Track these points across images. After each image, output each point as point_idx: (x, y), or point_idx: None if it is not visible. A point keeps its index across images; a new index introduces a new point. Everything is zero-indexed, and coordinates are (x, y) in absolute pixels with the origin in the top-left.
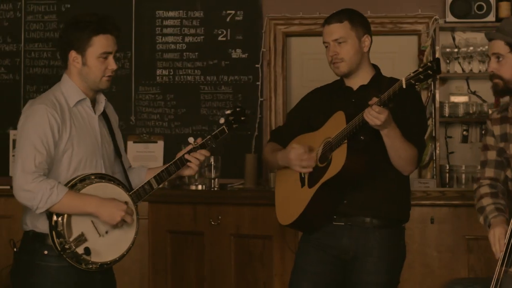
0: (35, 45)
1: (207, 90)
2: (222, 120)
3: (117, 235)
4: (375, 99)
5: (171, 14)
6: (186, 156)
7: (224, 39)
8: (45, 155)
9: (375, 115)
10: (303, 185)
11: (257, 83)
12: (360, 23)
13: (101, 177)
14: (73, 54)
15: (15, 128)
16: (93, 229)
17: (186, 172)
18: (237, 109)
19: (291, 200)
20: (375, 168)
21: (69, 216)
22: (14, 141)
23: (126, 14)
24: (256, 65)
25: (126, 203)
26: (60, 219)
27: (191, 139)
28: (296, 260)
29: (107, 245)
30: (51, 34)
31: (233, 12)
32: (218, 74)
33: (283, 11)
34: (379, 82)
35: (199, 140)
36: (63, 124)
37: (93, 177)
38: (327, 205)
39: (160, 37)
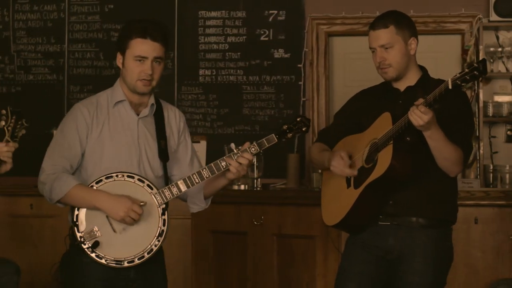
0: (79, 46)
1: (249, 90)
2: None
3: (135, 233)
4: (421, 100)
5: (213, 14)
6: (226, 159)
7: (266, 39)
8: (67, 150)
9: (419, 114)
10: (348, 186)
11: (300, 83)
12: (406, 25)
13: (130, 176)
14: (118, 55)
15: None
16: (108, 225)
17: (229, 175)
18: (298, 118)
19: (337, 201)
20: (421, 169)
21: (85, 210)
22: None
23: (169, 14)
24: (299, 65)
25: (142, 203)
26: (79, 212)
27: (232, 145)
28: (342, 261)
29: (124, 242)
30: (95, 34)
31: (275, 12)
32: (261, 74)
33: (325, 11)
34: (427, 83)
35: (246, 144)
36: (95, 122)
37: (120, 175)
38: (373, 206)
39: (202, 37)
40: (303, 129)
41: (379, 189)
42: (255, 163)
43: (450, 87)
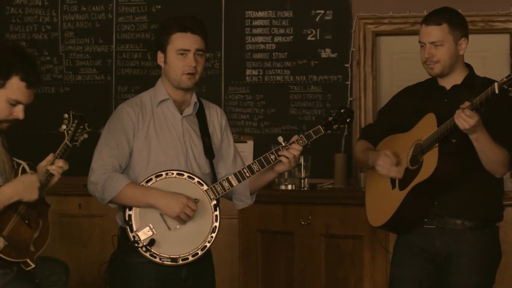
0: (126, 46)
1: (296, 90)
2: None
3: (189, 230)
4: (467, 103)
5: (260, 14)
6: (275, 152)
7: (313, 38)
8: (115, 150)
9: (465, 118)
10: (393, 187)
11: (347, 82)
12: (459, 25)
13: (180, 173)
14: (159, 54)
15: None
16: (162, 223)
17: (281, 167)
18: (342, 110)
19: (382, 201)
20: (467, 170)
21: (138, 209)
22: None
23: (216, 15)
24: (346, 65)
25: (196, 199)
26: (131, 212)
27: (280, 139)
28: (391, 265)
29: (178, 239)
30: (142, 35)
31: (322, 11)
32: (307, 74)
33: (372, 10)
34: (472, 82)
35: (295, 137)
36: (141, 122)
37: (170, 173)
38: (419, 208)
39: (249, 37)
40: (347, 120)
41: (424, 191)
42: (302, 163)
43: (496, 91)
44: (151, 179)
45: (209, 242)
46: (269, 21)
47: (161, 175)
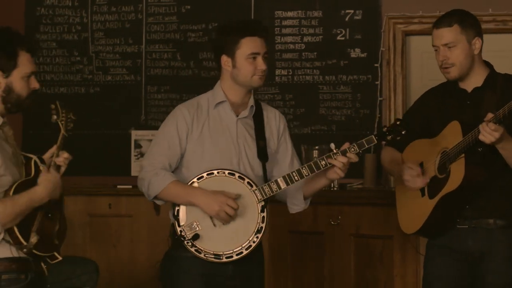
0: (156, 46)
1: (325, 90)
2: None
3: (234, 229)
4: (490, 115)
5: (290, 14)
6: (326, 158)
7: (343, 38)
8: (166, 149)
9: (490, 132)
10: (423, 194)
11: (376, 82)
12: (471, 25)
13: (231, 173)
14: (224, 58)
15: (136, 128)
16: (208, 219)
17: (333, 175)
18: (397, 122)
19: (413, 209)
20: (496, 174)
21: (185, 205)
22: (135, 141)
23: (245, 14)
24: (375, 65)
25: (237, 195)
26: (179, 207)
27: (332, 145)
28: (425, 266)
29: (223, 236)
30: (172, 35)
31: (352, 11)
32: (337, 73)
33: (402, 10)
34: (494, 82)
35: (346, 145)
36: (195, 122)
37: (221, 172)
38: (449, 214)
39: (279, 37)
40: (402, 132)
41: (453, 200)
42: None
43: None
44: (202, 177)
45: (254, 242)
46: (299, 21)
47: (213, 173)
